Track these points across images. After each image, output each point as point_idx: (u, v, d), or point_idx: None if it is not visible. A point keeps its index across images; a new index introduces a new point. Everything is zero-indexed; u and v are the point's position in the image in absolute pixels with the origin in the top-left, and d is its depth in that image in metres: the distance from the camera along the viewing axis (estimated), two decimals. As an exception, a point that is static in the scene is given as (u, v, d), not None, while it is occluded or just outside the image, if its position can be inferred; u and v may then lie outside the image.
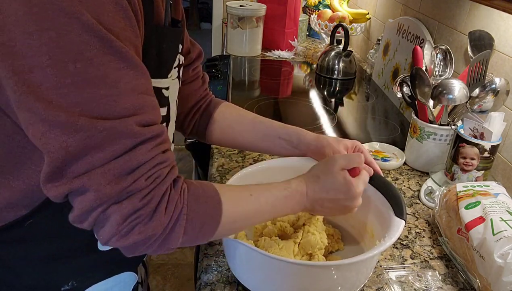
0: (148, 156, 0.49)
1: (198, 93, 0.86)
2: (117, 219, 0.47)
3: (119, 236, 0.48)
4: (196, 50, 0.84)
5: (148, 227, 0.49)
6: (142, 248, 0.51)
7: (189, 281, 1.99)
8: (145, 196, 0.48)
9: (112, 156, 0.46)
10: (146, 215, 0.48)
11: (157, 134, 0.50)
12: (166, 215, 0.50)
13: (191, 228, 0.53)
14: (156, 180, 0.49)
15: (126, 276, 0.72)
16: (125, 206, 0.47)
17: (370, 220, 0.74)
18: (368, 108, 1.51)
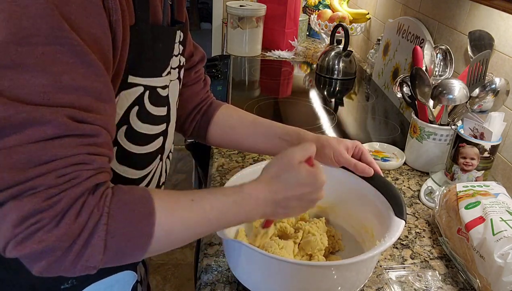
0: (69, 151, 0.43)
1: (199, 95, 0.86)
2: (13, 219, 0.40)
3: (15, 242, 0.41)
4: (199, 53, 0.84)
5: (51, 235, 0.41)
6: (47, 262, 0.43)
7: (189, 281, 1.99)
8: (52, 197, 0.42)
9: (26, 140, 0.41)
10: (50, 219, 0.41)
11: (88, 134, 0.44)
12: (77, 223, 0.43)
13: (114, 242, 0.45)
14: (71, 181, 0.43)
15: (126, 274, 0.72)
16: (24, 204, 0.41)
17: (370, 220, 0.74)
18: (368, 108, 1.51)
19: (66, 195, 0.43)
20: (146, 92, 0.60)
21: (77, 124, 0.43)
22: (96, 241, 0.44)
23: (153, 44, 0.59)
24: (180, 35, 0.69)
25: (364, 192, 0.75)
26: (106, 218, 0.45)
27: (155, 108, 0.63)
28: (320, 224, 0.77)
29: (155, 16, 0.59)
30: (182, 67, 0.73)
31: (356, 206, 0.78)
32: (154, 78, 0.61)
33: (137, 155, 0.63)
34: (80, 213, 0.43)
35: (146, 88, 0.60)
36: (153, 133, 0.65)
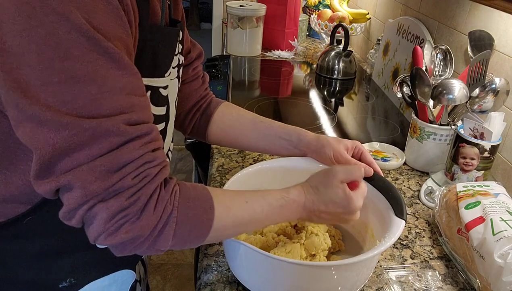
0: (135, 154, 0.48)
1: (198, 92, 0.86)
2: (104, 217, 0.47)
3: (106, 234, 0.48)
4: (197, 50, 0.84)
5: (135, 226, 0.48)
6: (130, 248, 0.50)
7: (189, 281, 1.99)
8: (132, 195, 0.48)
9: (98, 154, 0.46)
10: (133, 214, 0.48)
11: (145, 133, 0.50)
12: (154, 215, 0.49)
13: (180, 232, 0.52)
14: (144, 179, 0.49)
15: (124, 273, 0.72)
16: (111, 204, 0.47)
17: (371, 220, 0.74)
18: (368, 108, 1.51)
19: (143, 193, 0.49)
20: (148, 92, 0.61)
21: (134, 128, 0.48)
22: (167, 230, 0.51)
23: (154, 44, 0.59)
24: (180, 34, 0.69)
25: None
26: (176, 211, 0.51)
27: (156, 108, 0.63)
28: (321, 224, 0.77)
29: (154, 16, 0.60)
30: (181, 66, 0.73)
31: None
32: (157, 78, 0.62)
33: None
34: (157, 206, 0.50)
35: (148, 89, 0.60)
36: None
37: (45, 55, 0.43)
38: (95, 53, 0.45)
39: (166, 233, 0.51)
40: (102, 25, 0.46)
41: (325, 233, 0.72)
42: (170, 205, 0.51)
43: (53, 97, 0.44)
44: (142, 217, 0.49)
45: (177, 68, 0.70)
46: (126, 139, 0.48)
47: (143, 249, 0.51)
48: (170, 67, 0.65)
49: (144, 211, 0.49)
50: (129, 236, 0.48)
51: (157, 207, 0.50)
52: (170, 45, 0.65)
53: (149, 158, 0.50)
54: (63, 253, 0.63)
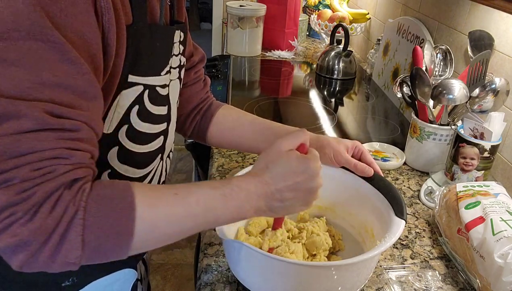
0: (46, 145, 0.42)
1: (199, 95, 0.86)
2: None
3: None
4: (199, 54, 0.85)
5: (24, 229, 0.40)
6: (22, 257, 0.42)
7: (189, 281, 1.99)
8: (26, 190, 0.41)
9: (2, 133, 0.41)
10: (24, 213, 0.41)
11: (68, 129, 0.44)
12: (51, 217, 0.42)
13: (92, 237, 0.44)
14: (46, 175, 0.42)
15: (126, 272, 0.72)
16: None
17: (370, 220, 0.74)
18: (368, 108, 1.51)
19: (40, 189, 0.42)
20: (146, 91, 0.60)
21: (55, 119, 0.43)
22: (72, 236, 0.43)
23: (151, 43, 0.59)
24: (180, 35, 0.69)
25: (364, 192, 0.75)
26: (82, 212, 0.43)
27: (155, 107, 0.63)
28: (321, 223, 0.77)
29: (153, 15, 0.60)
30: (182, 67, 0.73)
31: (356, 206, 0.78)
32: (153, 77, 0.61)
33: (138, 154, 0.63)
34: (55, 207, 0.42)
35: (145, 87, 0.60)
36: (153, 132, 0.65)
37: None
38: (37, 40, 0.42)
39: (71, 239, 0.43)
40: (59, 14, 0.43)
41: (326, 233, 0.72)
42: (74, 206, 0.43)
43: None
44: (35, 218, 0.41)
45: (178, 69, 0.70)
46: (41, 127, 0.42)
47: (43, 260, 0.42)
48: (167, 66, 0.65)
49: (38, 212, 0.41)
50: (16, 240, 0.41)
51: (55, 208, 0.42)
52: (167, 43, 0.65)
53: (62, 153, 0.43)
54: None
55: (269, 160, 0.56)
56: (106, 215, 0.45)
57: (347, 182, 0.78)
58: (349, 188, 0.78)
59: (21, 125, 0.41)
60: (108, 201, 0.45)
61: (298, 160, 0.55)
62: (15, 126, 0.41)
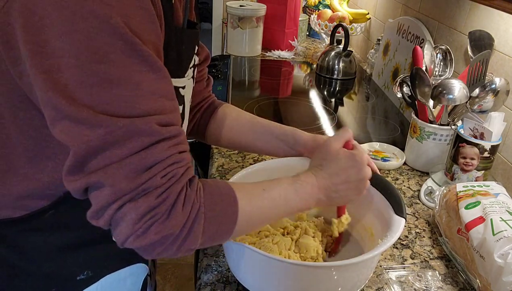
0: (164, 154, 0.49)
1: (201, 94, 0.87)
2: (133, 217, 0.47)
3: (135, 236, 0.48)
4: (204, 53, 0.85)
5: (165, 226, 0.48)
6: (160, 249, 0.50)
7: (189, 281, 1.99)
8: (161, 194, 0.48)
9: (129, 153, 0.47)
10: (162, 214, 0.48)
11: (174, 135, 0.51)
12: (183, 213, 0.50)
13: (209, 227, 0.52)
14: (171, 179, 0.49)
15: (139, 267, 0.74)
16: (140, 204, 0.47)
17: (369, 219, 0.74)
18: (368, 108, 1.51)
19: (171, 192, 0.49)
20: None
21: (165, 129, 0.49)
22: (197, 227, 0.51)
23: (178, 46, 0.61)
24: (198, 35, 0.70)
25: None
26: (203, 207, 0.52)
27: None
28: (318, 222, 0.77)
29: (177, 19, 0.62)
30: (196, 66, 0.75)
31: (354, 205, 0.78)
32: (178, 79, 0.63)
33: None
34: (185, 205, 0.50)
35: None
36: None
37: (83, 58, 0.45)
38: (131, 57, 0.47)
39: (195, 230, 0.51)
40: (139, 29, 0.47)
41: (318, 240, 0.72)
42: (197, 202, 0.51)
43: (89, 98, 0.46)
44: (171, 216, 0.49)
45: (193, 68, 0.72)
46: (157, 139, 0.48)
47: (173, 250, 0.51)
48: (189, 68, 0.67)
49: (173, 210, 0.49)
50: (159, 236, 0.48)
51: (185, 205, 0.50)
52: (191, 46, 0.67)
53: (177, 158, 0.50)
54: (82, 246, 0.65)
55: (322, 159, 0.67)
56: (219, 208, 0.54)
57: None
58: None
59: (143, 141, 0.48)
60: (218, 196, 0.54)
61: (346, 157, 0.66)
62: (138, 144, 0.47)
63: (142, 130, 0.47)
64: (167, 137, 0.49)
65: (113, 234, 0.50)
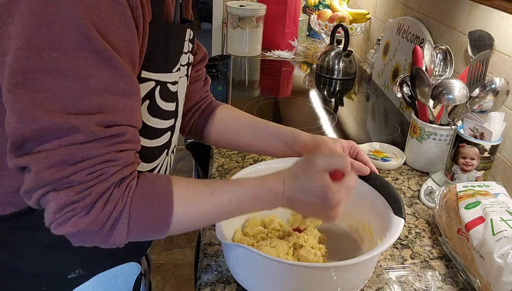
0: (98, 152, 0.49)
1: (199, 94, 0.87)
2: (53, 207, 0.48)
3: (56, 223, 0.49)
4: (202, 52, 0.85)
5: (82, 221, 0.49)
6: (82, 239, 0.51)
7: (189, 281, 1.99)
8: (83, 191, 0.49)
9: (59, 145, 0.47)
10: (81, 209, 0.49)
11: (117, 134, 0.50)
12: (103, 213, 0.50)
13: (136, 227, 0.52)
14: (99, 177, 0.49)
15: (131, 266, 0.74)
16: (61, 196, 0.48)
17: (368, 219, 0.74)
18: (368, 108, 1.51)
19: (94, 190, 0.49)
20: (157, 87, 0.62)
21: (105, 130, 0.49)
22: (120, 226, 0.51)
23: (166, 41, 0.60)
24: (190, 33, 0.70)
25: (361, 191, 0.75)
26: (129, 207, 0.51)
27: (165, 103, 0.65)
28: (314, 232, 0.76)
29: (168, 14, 0.61)
30: (190, 65, 0.74)
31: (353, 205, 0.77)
32: (165, 73, 0.63)
33: (147, 148, 0.64)
34: (106, 205, 0.50)
35: (157, 83, 0.61)
36: (162, 127, 0.66)
37: (34, 43, 0.44)
38: (86, 50, 0.46)
39: (119, 229, 0.51)
40: (102, 21, 0.46)
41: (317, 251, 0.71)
42: (122, 202, 0.51)
43: (32, 84, 0.45)
44: (90, 213, 0.49)
45: (187, 66, 0.72)
46: (93, 138, 0.48)
47: (97, 241, 0.52)
48: (178, 64, 0.66)
49: (93, 208, 0.49)
50: (76, 229, 0.49)
51: (106, 206, 0.50)
52: (180, 42, 0.66)
53: (112, 156, 0.50)
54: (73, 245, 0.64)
55: (301, 170, 0.60)
56: (149, 209, 0.52)
57: None
58: None
59: (77, 138, 0.47)
60: (151, 197, 0.53)
61: (321, 186, 0.58)
62: (72, 139, 0.47)
63: (77, 129, 0.47)
64: (106, 137, 0.49)
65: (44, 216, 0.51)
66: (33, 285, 0.65)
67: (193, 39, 0.73)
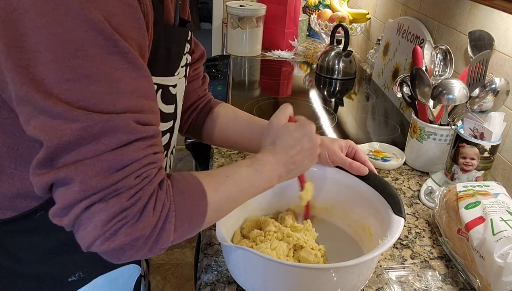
0: (141, 154, 0.48)
1: (197, 93, 0.86)
2: (102, 218, 0.45)
3: (104, 238, 0.46)
4: (199, 51, 0.85)
5: (135, 228, 0.47)
6: (130, 252, 0.48)
7: (189, 281, 1.99)
8: (133, 195, 0.47)
9: (104, 149, 0.45)
10: (133, 215, 0.47)
11: (152, 135, 0.50)
12: (154, 214, 0.49)
13: (180, 224, 0.52)
14: (145, 179, 0.48)
15: (131, 268, 0.73)
16: (111, 205, 0.45)
17: (368, 218, 0.74)
18: (368, 108, 1.51)
19: (144, 193, 0.48)
20: (159, 91, 0.62)
21: (143, 127, 0.48)
22: (168, 226, 0.50)
23: (167, 45, 0.60)
24: (188, 34, 0.70)
25: (360, 191, 0.75)
26: (174, 205, 0.51)
27: (165, 106, 0.65)
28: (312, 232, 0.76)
29: (167, 16, 0.61)
30: (188, 65, 0.74)
31: (352, 205, 0.78)
32: (167, 77, 0.63)
33: None
34: (155, 206, 0.49)
35: (159, 87, 0.61)
36: (162, 130, 0.66)
37: (61, 53, 0.44)
38: (111, 53, 0.45)
39: (167, 229, 0.50)
40: (120, 25, 0.46)
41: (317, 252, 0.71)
42: (168, 201, 0.50)
43: (66, 93, 0.44)
44: (142, 217, 0.47)
45: (185, 67, 0.71)
46: (135, 137, 0.47)
47: (144, 251, 0.50)
48: (179, 67, 0.66)
49: (144, 212, 0.48)
50: (129, 238, 0.47)
51: (156, 206, 0.49)
52: (181, 44, 0.66)
53: (152, 159, 0.50)
54: (73, 248, 0.63)
55: (273, 136, 0.68)
56: (189, 204, 0.53)
57: (342, 181, 0.78)
58: (345, 187, 0.78)
59: (119, 139, 0.46)
60: (187, 192, 0.53)
61: (296, 128, 0.68)
62: (115, 141, 0.46)
63: (119, 127, 0.46)
64: (144, 137, 0.48)
65: (77, 236, 0.47)
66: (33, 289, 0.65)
67: (191, 39, 0.73)
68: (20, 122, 0.52)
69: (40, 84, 0.44)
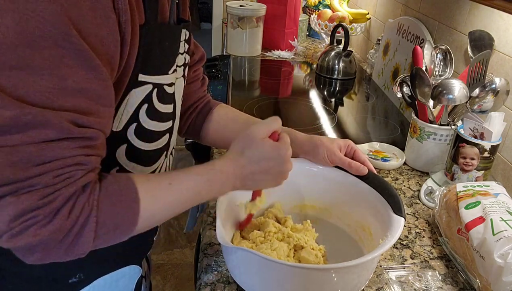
0: (67, 153, 0.45)
1: (196, 94, 0.86)
2: (10, 214, 0.43)
3: (10, 234, 0.44)
4: (199, 52, 0.85)
5: (45, 230, 0.44)
6: (41, 254, 0.46)
7: (189, 281, 1.99)
8: (48, 195, 0.44)
9: (28, 141, 0.43)
10: (44, 216, 0.44)
11: (88, 137, 0.47)
12: (69, 219, 0.45)
13: (104, 231, 0.49)
14: (66, 180, 0.45)
15: (132, 269, 0.73)
16: (22, 201, 0.43)
17: (367, 218, 0.74)
18: (368, 108, 1.51)
19: (60, 194, 0.45)
20: (154, 90, 0.61)
21: (78, 129, 0.46)
22: (86, 233, 0.47)
23: (161, 43, 0.60)
24: (186, 34, 0.70)
25: (359, 191, 0.75)
26: (95, 211, 0.47)
27: (162, 105, 0.64)
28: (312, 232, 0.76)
29: (163, 15, 0.61)
30: (187, 65, 0.74)
31: (351, 205, 0.78)
32: (161, 76, 0.62)
33: (146, 151, 0.64)
34: (72, 210, 0.46)
35: (154, 86, 0.61)
36: (160, 130, 0.66)
37: (11, 39, 0.42)
38: (63, 49, 0.44)
39: (85, 236, 0.47)
40: (82, 20, 0.45)
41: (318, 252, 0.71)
42: (88, 207, 0.47)
43: (6, 79, 0.43)
44: (54, 221, 0.44)
45: (183, 67, 0.71)
46: (64, 136, 0.45)
47: (59, 254, 0.47)
48: (174, 65, 0.66)
49: (58, 215, 0.45)
50: (36, 240, 0.44)
51: (73, 211, 0.46)
52: (175, 43, 0.66)
53: (81, 160, 0.47)
54: None
55: (245, 146, 0.63)
56: (116, 210, 0.49)
57: (341, 181, 0.78)
58: (344, 187, 0.78)
59: (47, 134, 0.44)
60: (116, 197, 0.50)
61: (271, 147, 0.62)
62: (42, 135, 0.43)
63: (49, 123, 0.43)
64: (76, 137, 0.46)
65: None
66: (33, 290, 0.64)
67: (189, 39, 0.73)
68: None
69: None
